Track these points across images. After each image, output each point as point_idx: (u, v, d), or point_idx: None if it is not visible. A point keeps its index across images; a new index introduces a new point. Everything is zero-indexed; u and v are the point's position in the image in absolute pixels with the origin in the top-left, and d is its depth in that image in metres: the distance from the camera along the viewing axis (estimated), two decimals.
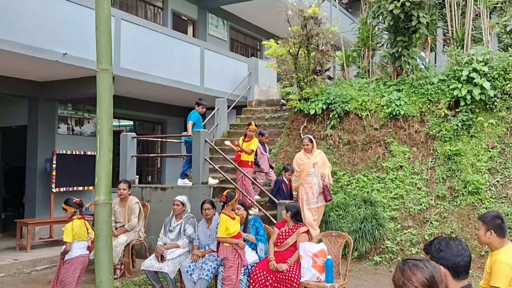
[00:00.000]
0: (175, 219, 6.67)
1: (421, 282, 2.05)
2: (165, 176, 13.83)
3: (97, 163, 3.70)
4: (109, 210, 3.69)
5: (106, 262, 3.66)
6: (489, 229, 3.80)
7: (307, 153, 7.91)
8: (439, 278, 2.08)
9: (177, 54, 11.01)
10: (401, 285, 2.09)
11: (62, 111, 10.81)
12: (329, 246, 6.05)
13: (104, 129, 3.70)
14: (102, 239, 3.69)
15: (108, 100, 3.75)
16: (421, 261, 2.13)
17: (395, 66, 9.88)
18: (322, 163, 7.85)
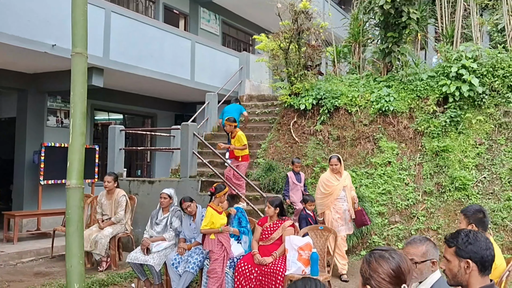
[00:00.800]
0: (161, 212, 6.66)
1: (387, 273, 2.03)
2: (154, 170, 13.79)
3: (70, 148, 3.68)
4: (81, 195, 3.66)
5: (77, 247, 3.62)
6: (470, 222, 3.82)
7: (334, 174, 7.01)
8: (406, 268, 2.05)
9: (167, 47, 10.96)
10: (368, 277, 2.07)
11: (51, 103, 10.73)
12: (315, 239, 6.06)
13: (77, 113, 3.66)
14: (73, 223, 3.65)
15: (82, 84, 3.71)
16: (387, 251, 2.10)
17: (385, 62, 9.90)
18: (350, 185, 7.09)
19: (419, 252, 2.86)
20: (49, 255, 8.04)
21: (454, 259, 2.47)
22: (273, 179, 9.03)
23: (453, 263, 2.47)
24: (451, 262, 2.47)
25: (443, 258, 2.55)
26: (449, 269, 2.49)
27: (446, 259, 2.52)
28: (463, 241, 2.47)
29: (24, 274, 6.91)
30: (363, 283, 2.11)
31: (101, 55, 9.27)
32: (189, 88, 11.85)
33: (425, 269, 2.85)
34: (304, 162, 9.58)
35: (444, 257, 2.53)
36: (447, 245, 2.51)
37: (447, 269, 2.51)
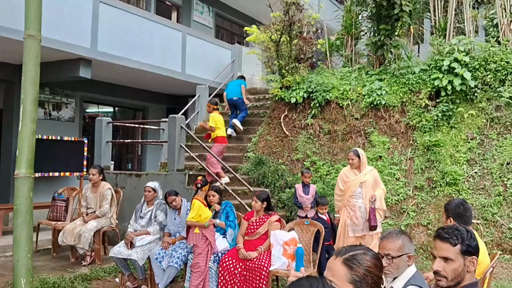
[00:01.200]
0: (146, 206, 6.54)
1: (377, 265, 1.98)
2: (145, 163, 13.65)
3: (19, 135, 3.55)
4: (30, 185, 3.54)
5: (24, 239, 3.47)
6: (449, 216, 3.72)
7: (353, 169, 6.44)
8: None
9: (157, 39, 10.81)
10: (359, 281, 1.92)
11: (39, 95, 10.47)
12: (301, 234, 5.95)
13: (28, 99, 3.53)
14: (21, 215, 3.51)
15: (35, 69, 3.57)
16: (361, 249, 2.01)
17: (377, 55, 9.77)
18: (372, 182, 6.32)
19: (395, 247, 2.75)
20: (34, 249, 7.90)
21: (459, 257, 2.34)
22: (263, 173, 8.91)
23: (458, 262, 2.34)
24: (455, 262, 2.34)
25: (440, 259, 2.38)
26: (453, 269, 2.34)
27: (445, 259, 2.37)
28: (468, 238, 2.35)
29: (6, 268, 6.78)
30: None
31: (89, 46, 9.12)
32: (180, 80, 11.70)
33: (402, 263, 2.75)
34: (294, 156, 9.47)
35: (443, 257, 2.37)
36: (450, 243, 2.36)
37: (448, 269, 2.35)
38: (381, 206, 6.23)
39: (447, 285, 2.35)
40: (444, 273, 2.34)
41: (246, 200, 7.89)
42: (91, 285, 6.22)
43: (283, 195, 8.66)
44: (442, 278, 2.35)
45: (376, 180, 6.37)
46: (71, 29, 8.70)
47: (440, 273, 2.36)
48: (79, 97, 11.57)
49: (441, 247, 2.38)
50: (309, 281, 1.60)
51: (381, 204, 6.20)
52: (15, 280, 3.36)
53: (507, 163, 7.96)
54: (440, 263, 2.37)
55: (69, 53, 8.80)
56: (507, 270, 6.71)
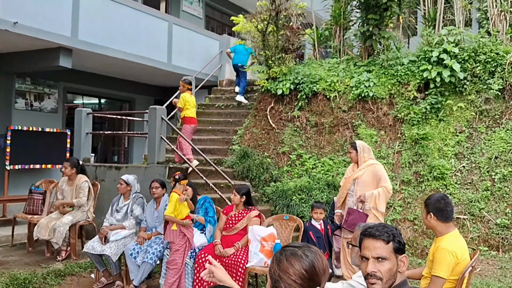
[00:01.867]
0: (123, 199, 6.33)
1: (299, 274, 1.72)
2: (132, 156, 13.42)
3: None
4: None
5: None
6: (429, 211, 3.55)
7: (355, 164, 5.75)
8: (321, 267, 1.75)
9: (142, 28, 10.54)
10: (277, 279, 1.75)
11: (20, 85, 10.30)
12: (280, 230, 5.77)
13: None
14: None
15: None
16: (300, 248, 1.78)
17: (366, 46, 9.55)
18: (369, 180, 5.51)
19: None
20: (10, 243, 7.68)
21: (392, 256, 2.17)
22: (247, 166, 8.69)
23: (392, 261, 2.17)
24: (389, 261, 2.16)
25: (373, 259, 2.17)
26: (388, 269, 2.15)
27: (378, 259, 2.18)
28: (398, 235, 2.21)
29: None
30: (272, 286, 1.79)
31: (69, 34, 8.86)
32: (166, 71, 11.44)
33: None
34: (280, 149, 9.26)
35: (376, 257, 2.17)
36: (383, 241, 2.18)
37: (383, 270, 2.15)
38: (377, 207, 5.38)
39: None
40: (380, 275, 2.15)
41: (229, 194, 7.67)
42: (65, 281, 6.01)
43: (268, 189, 8.45)
44: (377, 280, 2.15)
45: (376, 177, 5.48)
46: (50, 17, 8.42)
47: (376, 275, 2.16)
48: (62, 87, 11.29)
49: (374, 246, 2.19)
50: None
51: (376, 205, 5.37)
52: None
53: (495, 157, 7.78)
54: (374, 264, 2.17)
55: (49, 42, 8.53)
56: (493, 267, 6.54)
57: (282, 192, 8.19)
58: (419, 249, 7.29)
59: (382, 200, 5.40)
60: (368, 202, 5.36)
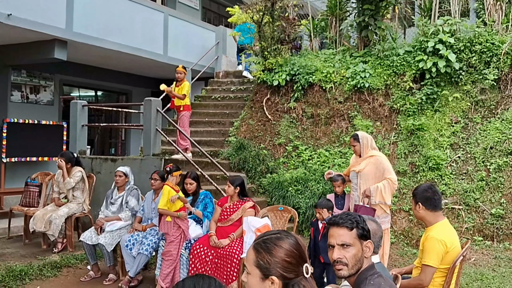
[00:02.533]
0: (117, 191, 6.35)
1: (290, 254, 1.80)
2: (129, 148, 13.41)
3: None
4: None
5: None
6: (417, 202, 3.57)
7: (358, 156, 5.64)
8: (303, 245, 1.84)
9: (137, 20, 10.48)
10: (267, 267, 1.77)
11: (16, 77, 10.27)
12: (274, 221, 5.79)
13: None
14: None
15: None
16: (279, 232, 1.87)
17: (361, 36, 9.51)
18: (372, 172, 5.38)
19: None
20: (6, 236, 7.70)
21: (356, 242, 2.27)
22: (244, 158, 8.71)
23: (356, 247, 2.27)
24: (354, 247, 2.27)
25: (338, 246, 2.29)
26: (353, 255, 2.26)
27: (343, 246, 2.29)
28: (362, 221, 2.29)
29: None
30: (264, 276, 1.80)
31: (64, 26, 8.81)
32: (162, 63, 11.41)
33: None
34: (276, 141, 9.27)
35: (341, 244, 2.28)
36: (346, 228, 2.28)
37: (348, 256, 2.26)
38: (383, 201, 5.26)
39: (348, 273, 2.28)
40: (346, 260, 2.27)
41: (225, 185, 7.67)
42: (61, 273, 6.04)
43: (264, 180, 8.47)
44: (343, 266, 2.28)
45: (379, 169, 5.33)
46: (44, 9, 8.38)
47: (342, 261, 2.28)
48: (58, 80, 11.26)
49: (338, 233, 2.30)
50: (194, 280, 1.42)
51: (383, 198, 5.24)
52: None
53: (490, 148, 7.79)
54: (339, 250, 2.29)
55: (43, 34, 8.49)
56: (487, 256, 6.58)
57: (278, 183, 8.22)
58: (414, 239, 7.32)
59: (388, 193, 5.28)
60: (374, 196, 5.21)
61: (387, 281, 2.27)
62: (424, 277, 3.41)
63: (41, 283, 5.61)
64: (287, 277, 1.78)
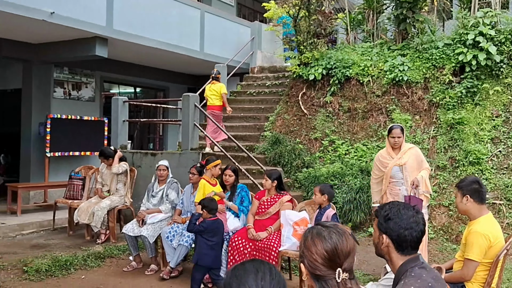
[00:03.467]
0: (157, 184, 6.53)
1: (320, 254, 1.79)
2: (167, 143, 13.67)
3: None
4: None
5: None
6: (465, 194, 3.52)
7: (390, 150, 5.51)
8: (345, 250, 1.80)
9: (174, 17, 10.65)
10: (301, 255, 1.86)
11: (58, 74, 10.61)
12: (312, 215, 5.77)
13: None
14: None
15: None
16: (327, 228, 1.84)
17: (399, 30, 9.38)
18: (415, 164, 5.39)
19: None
20: (51, 227, 8.01)
21: (376, 230, 2.34)
22: (279, 152, 8.73)
23: (375, 234, 2.35)
24: (375, 233, 2.36)
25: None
26: (373, 238, 2.38)
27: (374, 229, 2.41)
28: (383, 214, 2.29)
29: (21, 246, 6.87)
30: (299, 261, 1.88)
31: (104, 24, 9.03)
32: (199, 59, 11.55)
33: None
34: (312, 135, 9.26)
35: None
36: (375, 215, 2.37)
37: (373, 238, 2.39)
38: (427, 190, 5.33)
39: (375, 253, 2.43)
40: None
41: (261, 179, 7.74)
42: (104, 263, 6.25)
43: (300, 175, 8.49)
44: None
45: (418, 160, 5.41)
46: (85, 7, 8.62)
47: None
48: (99, 76, 11.58)
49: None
50: (255, 265, 1.46)
51: (426, 188, 5.30)
52: None
53: None
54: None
55: (84, 31, 8.73)
56: None
57: (315, 178, 8.21)
58: (454, 235, 7.20)
59: (428, 182, 5.36)
60: (421, 186, 5.18)
61: (431, 272, 2.24)
62: (466, 271, 3.38)
63: (85, 273, 5.82)
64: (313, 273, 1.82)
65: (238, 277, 1.43)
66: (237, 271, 1.46)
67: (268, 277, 1.43)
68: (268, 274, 1.44)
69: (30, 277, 5.46)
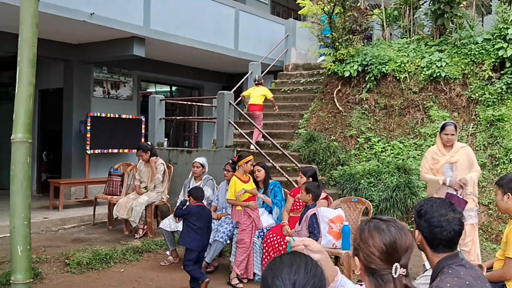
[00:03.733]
0: (194, 181, 6.63)
1: (377, 248, 1.73)
2: (202, 141, 13.82)
3: (16, 99, 3.27)
4: (27, 150, 3.29)
5: (21, 206, 3.23)
6: (506, 192, 3.44)
7: (441, 148, 5.33)
8: (404, 245, 1.74)
9: (210, 15, 10.75)
10: (356, 247, 1.80)
11: (98, 74, 10.90)
12: (348, 212, 5.77)
13: (24, 60, 3.30)
14: (18, 181, 3.28)
15: (30, 28, 3.29)
16: (385, 222, 1.78)
17: (437, 25, 9.19)
18: (466, 163, 5.18)
19: None
20: (92, 222, 8.25)
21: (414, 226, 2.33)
22: (314, 150, 8.71)
23: (414, 228, 2.34)
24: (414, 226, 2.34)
25: None
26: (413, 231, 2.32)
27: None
28: (417, 210, 2.28)
29: (63, 240, 7.12)
30: (353, 254, 1.85)
31: (142, 24, 9.21)
32: (233, 58, 11.63)
33: None
34: (347, 132, 9.20)
35: None
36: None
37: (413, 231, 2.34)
38: (474, 192, 5.14)
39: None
40: None
41: (296, 177, 7.75)
42: (142, 257, 6.40)
43: (335, 172, 8.45)
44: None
45: (470, 160, 5.21)
46: (124, 7, 8.81)
47: None
48: (136, 76, 11.82)
49: None
50: (291, 257, 1.46)
51: (474, 190, 5.13)
52: (12, 248, 3.24)
53: None
54: None
55: (123, 32, 8.93)
56: None
57: (350, 175, 8.16)
58: (493, 234, 7.03)
59: (476, 185, 5.23)
60: (469, 186, 5.03)
61: (471, 270, 2.19)
62: (507, 270, 3.30)
63: (124, 266, 5.98)
64: (368, 266, 1.77)
65: (273, 270, 1.43)
66: (273, 263, 1.46)
67: (302, 270, 1.41)
68: (303, 267, 1.42)
69: (71, 270, 5.65)
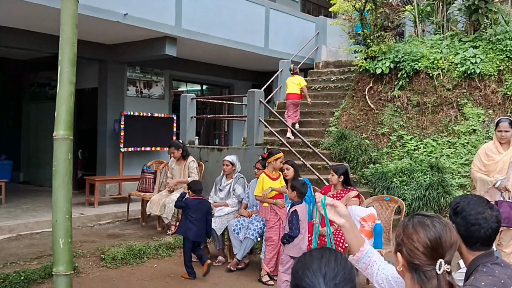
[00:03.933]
0: (225, 179, 6.68)
1: (422, 243, 1.70)
2: (232, 139, 13.91)
3: (57, 97, 3.36)
4: (68, 147, 3.36)
5: (63, 201, 3.32)
6: None
7: (496, 145, 5.03)
8: (448, 241, 1.71)
9: (240, 14, 10.81)
10: (400, 243, 1.77)
11: (131, 73, 11.10)
12: (380, 211, 5.71)
13: (65, 60, 3.37)
14: (60, 176, 3.36)
15: (71, 28, 3.35)
16: (430, 217, 1.76)
17: (471, 21, 8.99)
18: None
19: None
20: (125, 218, 8.43)
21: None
22: (345, 148, 8.66)
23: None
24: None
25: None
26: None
27: None
28: (452, 207, 2.23)
29: (98, 235, 7.30)
30: (395, 250, 1.84)
31: (173, 23, 9.33)
32: (263, 56, 11.66)
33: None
34: (379, 130, 9.11)
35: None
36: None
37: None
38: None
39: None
40: None
41: (326, 175, 7.72)
42: (175, 253, 6.50)
43: (367, 171, 8.38)
44: None
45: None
46: (156, 8, 8.95)
47: None
48: (168, 75, 11.99)
49: None
50: (321, 251, 1.49)
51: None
52: (54, 241, 3.36)
53: None
54: None
55: (155, 32, 9.07)
56: None
57: (382, 174, 8.08)
58: None
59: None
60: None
61: (506, 268, 2.15)
62: None
63: (157, 262, 6.10)
64: (412, 262, 1.74)
65: (304, 262, 1.46)
66: (303, 257, 1.50)
67: (332, 263, 1.44)
68: (333, 260, 1.45)
69: (107, 264, 5.79)
